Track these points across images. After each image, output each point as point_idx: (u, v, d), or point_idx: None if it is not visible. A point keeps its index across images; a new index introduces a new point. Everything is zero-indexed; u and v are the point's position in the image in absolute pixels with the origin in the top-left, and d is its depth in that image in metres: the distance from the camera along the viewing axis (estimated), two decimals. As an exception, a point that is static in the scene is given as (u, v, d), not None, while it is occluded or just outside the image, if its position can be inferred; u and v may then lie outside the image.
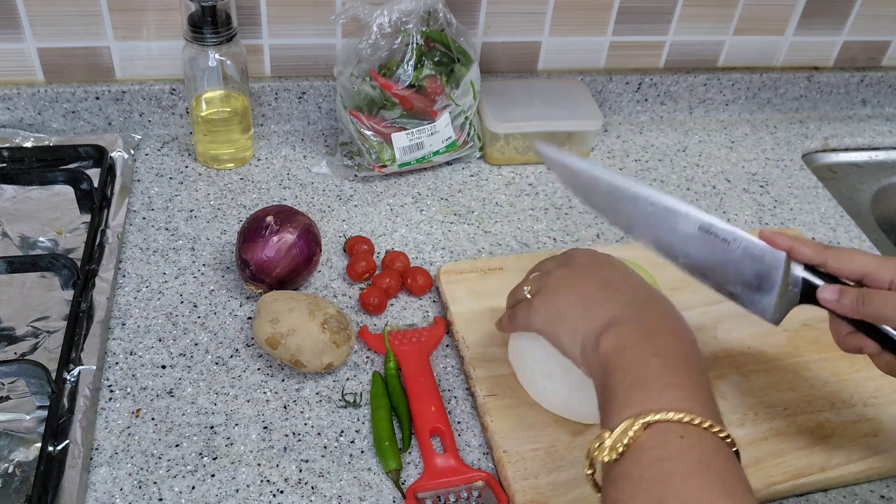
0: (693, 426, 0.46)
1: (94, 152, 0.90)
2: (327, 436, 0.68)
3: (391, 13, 0.88)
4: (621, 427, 0.47)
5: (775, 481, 0.66)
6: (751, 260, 0.63)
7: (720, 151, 1.08)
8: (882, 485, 0.69)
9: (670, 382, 0.49)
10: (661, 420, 0.47)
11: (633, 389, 0.50)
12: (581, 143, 1.00)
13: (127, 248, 0.83)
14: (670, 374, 0.50)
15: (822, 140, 1.13)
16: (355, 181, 0.95)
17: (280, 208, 0.78)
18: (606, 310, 0.57)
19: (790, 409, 0.72)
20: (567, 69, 1.07)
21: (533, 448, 0.66)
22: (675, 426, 0.46)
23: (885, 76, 1.17)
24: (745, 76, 1.12)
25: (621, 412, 0.48)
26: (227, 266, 0.82)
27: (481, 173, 0.99)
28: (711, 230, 0.63)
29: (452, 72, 0.93)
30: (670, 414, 0.47)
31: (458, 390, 0.73)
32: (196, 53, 0.86)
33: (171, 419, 0.68)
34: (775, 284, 0.62)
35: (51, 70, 0.93)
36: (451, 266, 0.82)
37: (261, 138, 1.00)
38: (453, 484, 0.64)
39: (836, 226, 0.97)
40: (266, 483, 0.64)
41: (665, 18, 1.05)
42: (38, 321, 0.73)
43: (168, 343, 0.74)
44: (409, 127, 0.92)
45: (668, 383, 0.49)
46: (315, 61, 0.99)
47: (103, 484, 0.62)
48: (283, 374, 0.72)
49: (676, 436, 0.46)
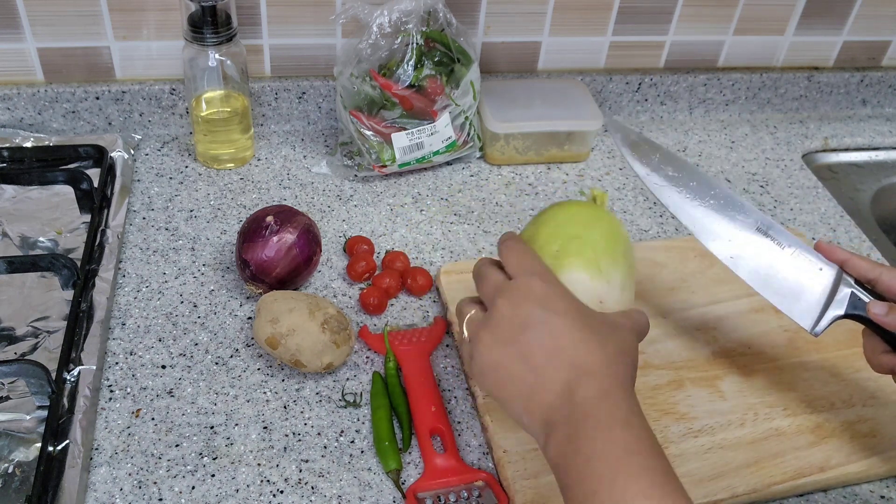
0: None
1: (94, 152, 0.90)
2: (327, 436, 0.68)
3: (391, 13, 0.88)
4: None
5: (775, 481, 0.66)
6: (803, 268, 0.65)
7: (720, 151, 1.08)
8: (882, 485, 0.69)
9: (625, 487, 0.46)
10: None
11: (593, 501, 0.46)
12: (581, 143, 1.00)
13: (127, 248, 0.83)
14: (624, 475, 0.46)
15: (822, 140, 1.13)
16: (355, 181, 0.95)
17: (280, 208, 0.78)
18: (539, 406, 0.51)
19: (790, 409, 0.72)
20: (567, 69, 1.07)
21: (533, 448, 0.66)
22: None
23: (885, 76, 1.17)
24: (745, 76, 1.12)
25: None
26: (227, 266, 0.82)
27: (481, 173, 0.99)
28: (769, 232, 0.65)
29: (452, 72, 0.93)
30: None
31: (458, 390, 0.73)
32: (196, 53, 0.86)
33: (171, 419, 0.68)
34: (823, 295, 0.64)
35: (51, 70, 0.93)
36: (451, 266, 0.82)
37: (261, 138, 1.00)
38: (453, 484, 0.64)
39: (836, 226, 0.97)
40: (266, 483, 0.64)
41: (665, 18, 1.05)
42: (38, 321, 0.73)
43: (168, 343, 0.74)
44: (409, 127, 0.92)
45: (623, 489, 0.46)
46: (315, 61, 0.99)
47: (103, 484, 0.63)
48: (283, 374, 0.72)
49: None
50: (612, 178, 1.01)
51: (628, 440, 0.48)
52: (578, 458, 0.48)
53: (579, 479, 0.47)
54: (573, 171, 1.01)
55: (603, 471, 0.46)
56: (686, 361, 0.75)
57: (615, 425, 0.48)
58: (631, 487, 0.45)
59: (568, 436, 0.49)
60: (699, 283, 0.83)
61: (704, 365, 0.75)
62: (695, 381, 0.73)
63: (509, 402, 0.53)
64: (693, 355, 0.76)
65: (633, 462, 0.47)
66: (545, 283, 0.55)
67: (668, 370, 0.74)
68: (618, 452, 0.47)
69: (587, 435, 0.48)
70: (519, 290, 0.55)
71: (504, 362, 0.53)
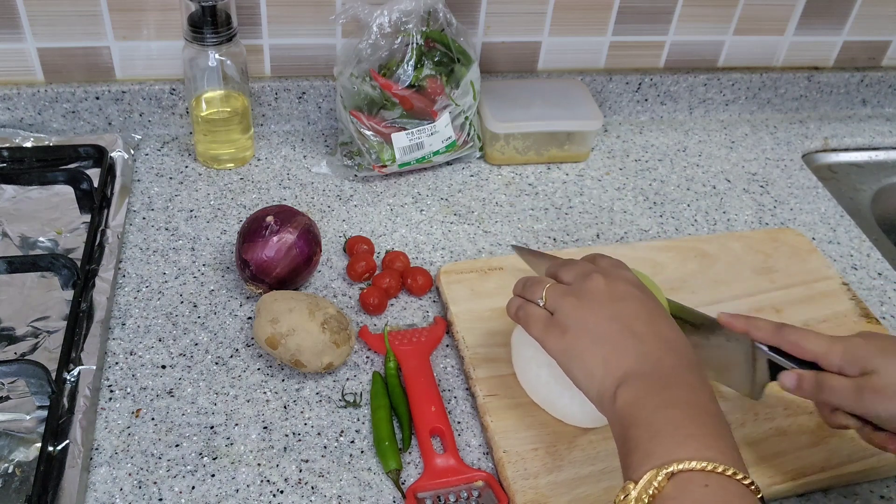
0: (717, 474, 0.46)
1: (94, 152, 0.90)
2: (327, 436, 0.68)
3: (391, 13, 0.88)
4: (646, 478, 0.47)
5: (775, 481, 0.66)
6: (720, 344, 0.67)
7: (720, 151, 1.08)
8: (882, 485, 0.69)
9: (691, 433, 0.49)
10: (685, 470, 0.46)
11: (654, 441, 0.49)
12: (581, 143, 1.00)
13: (127, 248, 0.83)
14: (691, 424, 0.50)
15: (822, 140, 1.13)
16: (355, 181, 0.95)
17: (280, 208, 0.78)
18: (624, 360, 0.55)
19: (790, 410, 0.72)
20: (567, 69, 1.07)
21: (533, 448, 0.66)
22: (699, 475, 0.46)
23: (885, 76, 1.17)
24: (745, 76, 1.12)
25: (644, 464, 0.48)
26: (227, 266, 0.82)
27: (481, 173, 0.99)
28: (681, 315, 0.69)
29: (452, 72, 0.93)
30: (693, 463, 0.47)
31: (458, 390, 0.73)
32: (196, 53, 0.86)
33: (171, 419, 0.68)
34: (747, 365, 0.66)
35: (51, 70, 0.93)
36: (451, 266, 0.82)
37: (261, 138, 1.00)
38: (453, 484, 0.64)
39: (836, 226, 0.97)
40: (266, 483, 0.64)
41: (665, 18, 1.05)
42: (38, 321, 0.73)
43: (168, 343, 0.74)
44: (409, 127, 0.92)
45: (689, 434, 0.49)
46: (315, 61, 0.99)
47: (103, 484, 0.63)
48: (283, 374, 0.72)
49: (701, 485, 0.46)
50: (612, 178, 1.01)
51: (700, 401, 0.52)
52: (650, 405, 0.52)
53: (646, 422, 0.51)
54: (573, 171, 1.01)
55: (673, 416, 0.50)
56: (686, 361, 0.75)
57: (694, 388, 0.53)
58: (695, 434, 0.49)
59: (646, 387, 0.53)
60: (699, 283, 0.83)
61: (704, 365, 0.75)
62: (695, 381, 0.73)
63: (586, 355, 0.57)
64: (693, 355, 0.76)
65: (701, 419, 0.50)
66: (636, 278, 0.62)
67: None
68: (690, 409, 0.51)
69: (666, 389, 0.52)
70: (614, 273, 0.61)
71: (596, 322, 0.57)
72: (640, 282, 0.61)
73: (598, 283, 0.59)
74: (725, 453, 0.48)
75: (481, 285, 0.80)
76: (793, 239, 0.91)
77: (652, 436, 0.50)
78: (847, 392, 0.59)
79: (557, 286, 0.61)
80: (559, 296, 0.60)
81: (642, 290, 0.60)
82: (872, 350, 0.59)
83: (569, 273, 0.62)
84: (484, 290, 0.79)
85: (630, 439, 0.51)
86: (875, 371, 0.58)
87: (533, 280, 0.64)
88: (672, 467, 0.47)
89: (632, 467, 0.49)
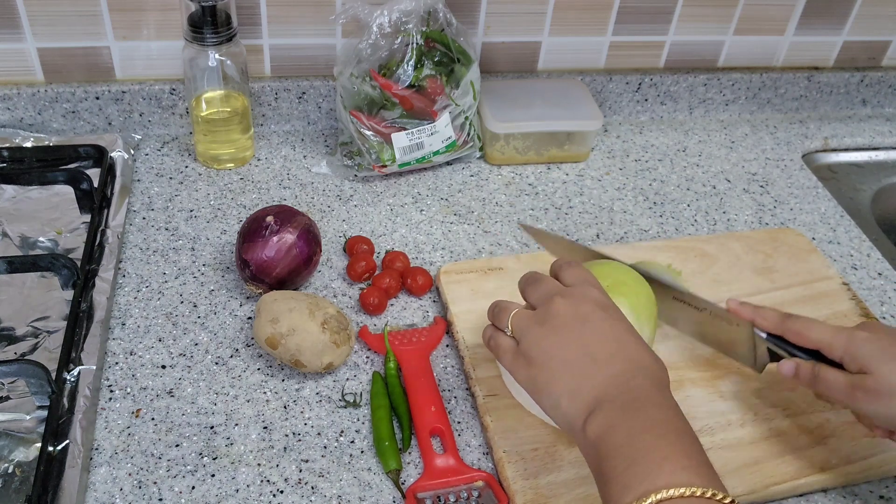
0: (696, 499, 0.46)
1: (94, 152, 0.90)
2: (327, 436, 0.68)
3: (391, 13, 0.88)
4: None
5: (775, 481, 0.66)
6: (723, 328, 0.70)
7: (720, 151, 1.08)
8: (882, 485, 0.69)
9: (666, 455, 0.49)
10: (664, 499, 0.46)
11: (630, 471, 0.49)
12: (581, 143, 1.00)
13: (127, 248, 0.83)
14: (666, 446, 0.49)
15: (822, 140, 1.13)
16: (355, 181, 0.95)
17: (280, 208, 0.78)
18: (591, 387, 0.54)
19: (790, 409, 0.72)
20: (567, 69, 1.07)
21: (533, 448, 0.66)
22: (679, 502, 0.46)
23: (885, 76, 1.17)
24: (745, 76, 1.12)
25: (623, 496, 0.48)
26: (227, 266, 0.82)
27: (481, 173, 0.99)
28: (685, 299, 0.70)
29: (452, 72, 0.93)
30: (671, 491, 0.46)
31: (458, 390, 0.73)
32: (196, 53, 0.86)
33: (171, 419, 0.68)
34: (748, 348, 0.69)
35: (51, 70, 0.93)
36: (451, 266, 0.82)
37: (261, 138, 1.00)
38: (453, 484, 0.64)
39: (836, 226, 0.97)
40: (266, 483, 0.64)
41: (665, 18, 1.05)
42: (38, 321, 0.73)
43: (168, 343, 0.74)
44: (409, 127, 0.92)
45: (664, 457, 0.49)
46: (315, 61, 0.99)
47: (103, 484, 0.63)
48: (283, 374, 0.72)
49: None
50: (612, 178, 1.01)
51: (671, 420, 0.52)
52: (621, 431, 0.51)
53: (619, 451, 0.50)
54: (573, 171, 1.01)
55: (646, 441, 0.50)
56: (686, 361, 0.75)
57: (663, 407, 0.53)
58: (669, 456, 0.49)
59: (615, 413, 0.52)
60: (699, 283, 0.83)
61: (704, 365, 0.75)
62: (695, 381, 0.73)
63: (552, 385, 0.56)
64: (693, 355, 0.76)
65: (672, 438, 0.50)
66: (601, 293, 0.60)
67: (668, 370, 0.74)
68: (660, 429, 0.51)
69: (636, 412, 0.52)
70: (578, 293, 0.59)
71: (559, 350, 0.56)
72: (606, 298, 0.60)
73: (561, 307, 0.58)
74: (700, 473, 0.48)
75: (481, 285, 0.80)
76: (793, 239, 0.91)
77: (628, 465, 0.49)
78: (841, 388, 0.61)
79: (522, 313, 0.60)
80: (524, 325, 0.59)
81: (607, 309, 0.58)
82: (874, 350, 0.60)
83: (534, 293, 0.61)
84: (484, 290, 0.79)
85: (605, 471, 0.50)
86: (872, 372, 0.59)
87: (501, 307, 0.62)
88: (651, 498, 0.46)
89: (612, 500, 0.49)
